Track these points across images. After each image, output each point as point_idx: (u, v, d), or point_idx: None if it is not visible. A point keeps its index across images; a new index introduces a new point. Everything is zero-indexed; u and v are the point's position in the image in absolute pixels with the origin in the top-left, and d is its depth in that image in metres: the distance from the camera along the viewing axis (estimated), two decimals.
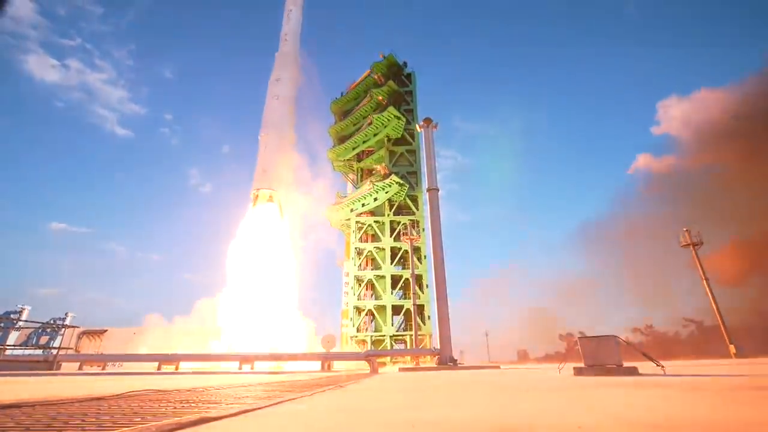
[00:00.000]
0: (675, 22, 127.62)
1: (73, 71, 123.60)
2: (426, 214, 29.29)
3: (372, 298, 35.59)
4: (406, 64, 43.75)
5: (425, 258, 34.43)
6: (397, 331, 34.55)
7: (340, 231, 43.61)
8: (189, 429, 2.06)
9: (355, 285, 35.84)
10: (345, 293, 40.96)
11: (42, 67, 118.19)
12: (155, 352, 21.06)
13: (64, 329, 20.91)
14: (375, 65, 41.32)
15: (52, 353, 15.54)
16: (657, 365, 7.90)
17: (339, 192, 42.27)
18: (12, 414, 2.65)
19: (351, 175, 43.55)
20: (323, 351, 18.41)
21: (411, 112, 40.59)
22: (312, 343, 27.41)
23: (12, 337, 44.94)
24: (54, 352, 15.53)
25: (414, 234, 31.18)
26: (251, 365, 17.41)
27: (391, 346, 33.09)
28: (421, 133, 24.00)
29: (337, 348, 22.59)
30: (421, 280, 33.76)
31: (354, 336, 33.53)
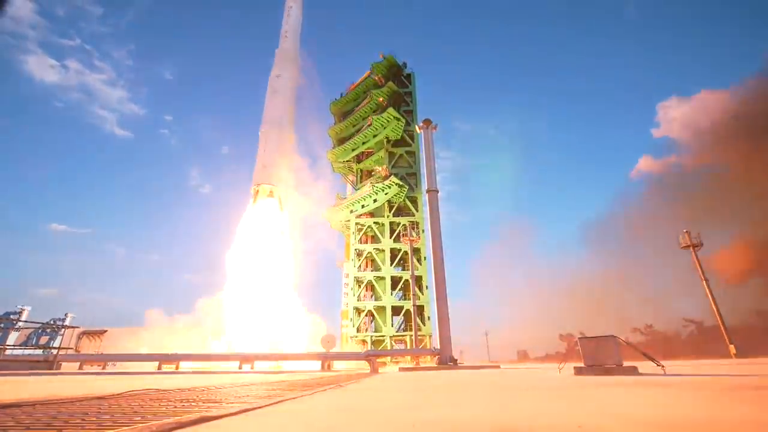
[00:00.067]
0: (675, 22, 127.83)
1: (73, 72, 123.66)
2: (426, 215, 29.29)
3: (372, 299, 35.59)
4: (405, 64, 43.77)
5: (425, 259, 34.43)
6: (397, 332, 34.55)
7: (339, 232, 43.65)
8: (189, 428, 2.06)
9: (355, 286, 35.83)
10: (345, 294, 40.95)
11: (41, 68, 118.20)
12: (155, 351, 21.02)
13: (63, 329, 20.92)
14: (375, 66, 41.33)
15: (52, 353, 15.55)
16: (657, 365, 7.90)
17: (339, 193, 42.32)
18: (12, 413, 2.66)
19: (350, 177, 43.56)
20: (323, 351, 18.38)
21: (410, 113, 40.60)
22: (315, 337, 27.30)
23: (12, 338, 44.89)
24: (54, 352, 15.53)
25: (414, 235, 31.15)
26: (251, 365, 17.40)
27: (391, 346, 33.08)
28: (421, 135, 23.97)
29: (337, 348, 22.53)
30: (421, 281, 33.75)
31: (354, 336, 33.52)
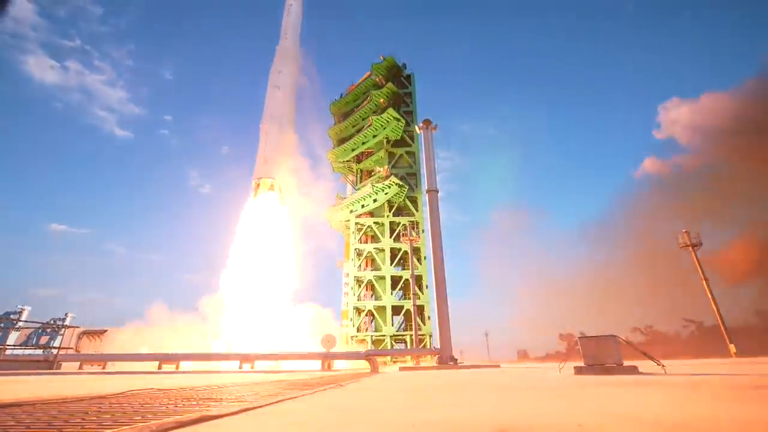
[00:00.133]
0: (674, 22, 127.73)
1: (73, 72, 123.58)
2: (425, 215, 29.30)
3: (372, 298, 35.60)
4: (405, 65, 43.85)
5: (425, 259, 34.45)
6: (398, 331, 34.56)
7: (340, 233, 43.68)
8: (190, 427, 2.06)
9: (355, 286, 35.84)
10: (345, 294, 40.96)
11: (41, 68, 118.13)
12: (155, 351, 21.01)
13: (64, 329, 20.91)
14: (375, 66, 41.40)
15: (52, 353, 15.54)
16: (657, 364, 7.91)
17: (339, 193, 42.36)
18: (13, 413, 2.66)
19: (350, 177, 43.60)
20: (323, 350, 18.38)
21: (410, 113, 40.67)
22: (317, 325, 27.29)
23: (12, 338, 44.89)
24: (54, 351, 15.52)
25: (414, 235, 31.16)
26: (251, 364, 17.41)
27: (392, 346, 33.09)
28: (421, 135, 23.95)
29: (338, 348, 22.51)
30: (421, 280, 33.77)
31: (354, 336, 33.53)
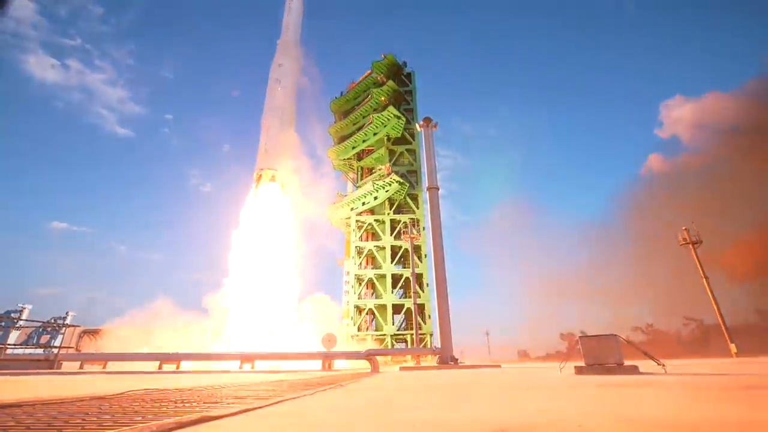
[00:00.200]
0: (674, 22, 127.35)
1: (73, 71, 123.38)
2: (426, 213, 29.27)
3: (372, 297, 35.62)
4: (406, 63, 43.88)
5: (425, 257, 34.45)
6: (398, 330, 34.59)
7: (340, 230, 43.69)
8: (190, 428, 2.06)
9: (356, 284, 35.86)
10: (345, 292, 40.96)
11: (42, 67, 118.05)
12: (156, 351, 21.03)
13: (64, 328, 20.91)
14: (375, 64, 41.42)
15: (52, 352, 15.54)
16: (658, 364, 7.90)
17: (339, 191, 42.38)
18: (13, 413, 2.65)
19: (351, 174, 43.61)
20: (324, 350, 18.40)
21: (411, 111, 40.69)
22: (320, 315, 27.37)
23: (12, 337, 44.91)
24: (55, 351, 15.52)
25: (414, 233, 31.13)
26: (252, 364, 17.44)
27: (392, 345, 33.12)
28: (421, 133, 23.89)
29: (338, 347, 22.53)
30: (422, 278, 33.78)
31: (355, 335, 33.54)
